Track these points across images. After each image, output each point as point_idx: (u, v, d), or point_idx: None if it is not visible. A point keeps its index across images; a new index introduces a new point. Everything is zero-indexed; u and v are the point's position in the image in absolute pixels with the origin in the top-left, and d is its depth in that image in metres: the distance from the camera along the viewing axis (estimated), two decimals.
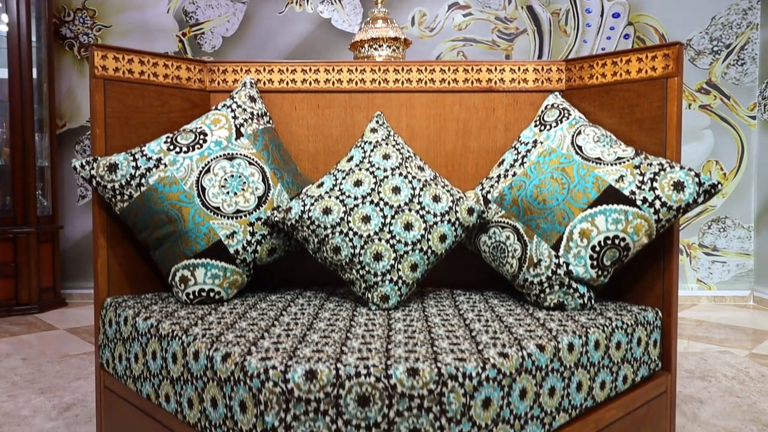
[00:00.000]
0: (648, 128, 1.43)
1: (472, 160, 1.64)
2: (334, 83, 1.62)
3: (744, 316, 3.36)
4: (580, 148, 1.40)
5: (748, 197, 3.76)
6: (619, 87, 1.49)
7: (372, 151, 1.40)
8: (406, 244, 1.31)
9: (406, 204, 1.33)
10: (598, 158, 1.36)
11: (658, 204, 1.28)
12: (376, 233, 1.30)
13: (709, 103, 3.74)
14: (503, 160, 1.51)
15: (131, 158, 1.37)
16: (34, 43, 3.53)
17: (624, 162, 1.34)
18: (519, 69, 1.61)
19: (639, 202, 1.29)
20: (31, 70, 3.45)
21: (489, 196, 1.45)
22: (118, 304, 1.37)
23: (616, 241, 1.29)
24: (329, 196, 1.33)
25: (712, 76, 3.73)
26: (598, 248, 1.29)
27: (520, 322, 1.20)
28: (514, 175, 1.44)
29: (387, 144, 1.42)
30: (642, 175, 1.31)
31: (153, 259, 1.44)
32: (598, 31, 3.79)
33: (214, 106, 1.54)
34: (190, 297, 1.36)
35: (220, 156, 1.40)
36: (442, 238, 1.34)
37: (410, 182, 1.35)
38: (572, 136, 1.43)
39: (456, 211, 1.35)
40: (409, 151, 1.44)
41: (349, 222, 1.30)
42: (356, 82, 1.62)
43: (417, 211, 1.32)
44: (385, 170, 1.36)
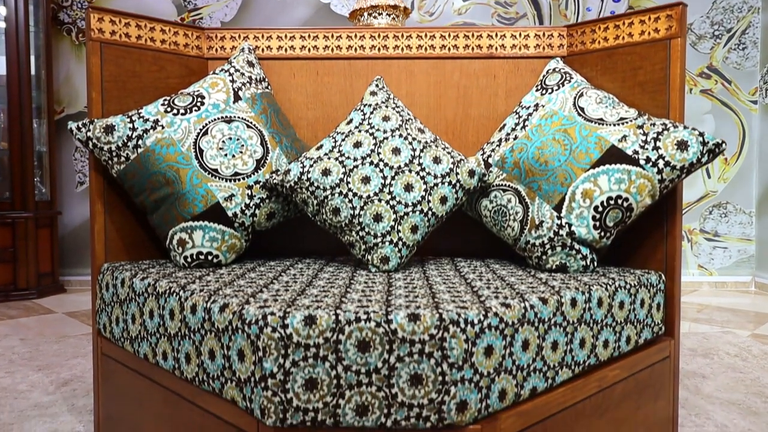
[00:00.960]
0: (651, 91, 1.41)
1: (473, 128, 1.62)
2: (333, 50, 1.61)
3: (746, 302, 3.35)
4: (582, 109, 1.38)
5: (750, 182, 3.74)
6: (621, 51, 1.47)
7: (372, 114, 1.38)
8: (407, 206, 1.29)
9: (406, 165, 1.31)
10: (601, 119, 1.35)
11: (661, 163, 1.27)
12: (375, 194, 1.28)
13: (710, 88, 3.72)
14: (504, 125, 1.49)
15: (128, 120, 1.35)
16: (32, 28, 3.51)
17: (627, 122, 1.32)
18: (520, 35, 1.59)
19: (642, 162, 1.27)
20: (29, 55, 3.44)
21: (490, 160, 1.44)
22: (115, 268, 1.36)
23: (619, 202, 1.27)
24: (328, 158, 1.32)
25: (713, 61, 3.72)
26: (600, 209, 1.28)
27: (522, 281, 1.18)
28: (516, 139, 1.42)
29: (387, 106, 1.40)
30: (645, 135, 1.29)
31: (150, 224, 1.42)
32: (599, 16, 3.77)
33: (212, 71, 1.52)
34: (188, 260, 1.34)
35: (218, 118, 1.38)
36: (443, 200, 1.32)
37: (410, 144, 1.34)
38: (574, 98, 1.41)
39: (457, 173, 1.34)
40: (409, 114, 1.42)
41: (348, 183, 1.29)
42: (356, 49, 1.60)
43: (417, 173, 1.31)
44: (385, 132, 1.35)
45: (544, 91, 1.47)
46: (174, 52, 1.55)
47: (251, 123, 1.41)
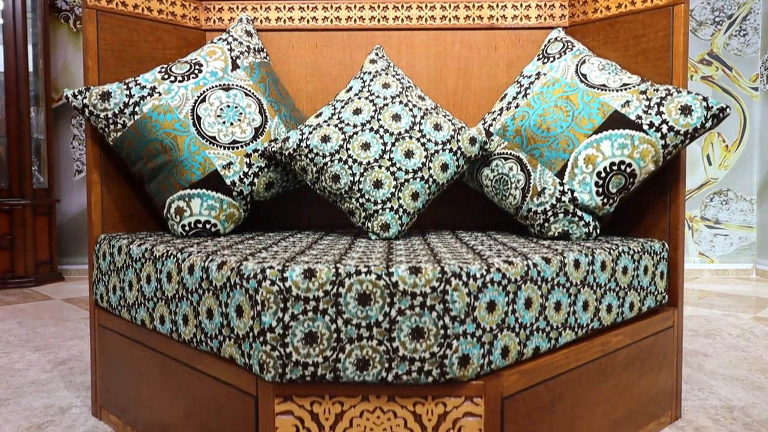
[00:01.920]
0: (654, 59, 1.40)
1: (474, 100, 1.60)
2: (332, 21, 1.59)
3: (747, 289, 3.33)
4: (584, 76, 1.36)
5: (751, 169, 3.73)
6: (624, 19, 1.45)
7: (371, 81, 1.37)
8: (407, 172, 1.27)
9: (406, 131, 1.29)
10: (603, 85, 1.33)
11: (665, 128, 1.25)
12: (375, 160, 1.26)
13: (710, 75, 3.70)
14: (506, 95, 1.48)
15: (125, 87, 1.33)
16: (29, 15, 3.49)
17: (630, 88, 1.31)
18: (521, 5, 1.58)
19: (645, 127, 1.25)
20: (27, 43, 3.42)
21: (491, 129, 1.42)
22: (112, 237, 1.34)
23: (622, 167, 1.26)
24: (327, 125, 1.30)
25: (713, 47, 3.70)
26: (603, 174, 1.26)
27: (524, 246, 1.17)
28: (517, 107, 1.41)
29: (387, 74, 1.39)
30: (648, 100, 1.27)
31: (147, 193, 1.41)
32: None
33: (210, 41, 1.51)
34: (186, 229, 1.32)
35: (216, 86, 1.37)
36: (444, 167, 1.30)
37: (411, 110, 1.32)
38: (576, 65, 1.40)
39: (458, 140, 1.32)
40: (409, 82, 1.40)
41: (348, 149, 1.27)
42: (355, 20, 1.59)
43: (418, 139, 1.29)
44: (385, 98, 1.33)
45: (546, 60, 1.46)
46: (171, 23, 1.53)
47: (249, 91, 1.39)
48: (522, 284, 0.95)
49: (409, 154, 1.28)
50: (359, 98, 1.34)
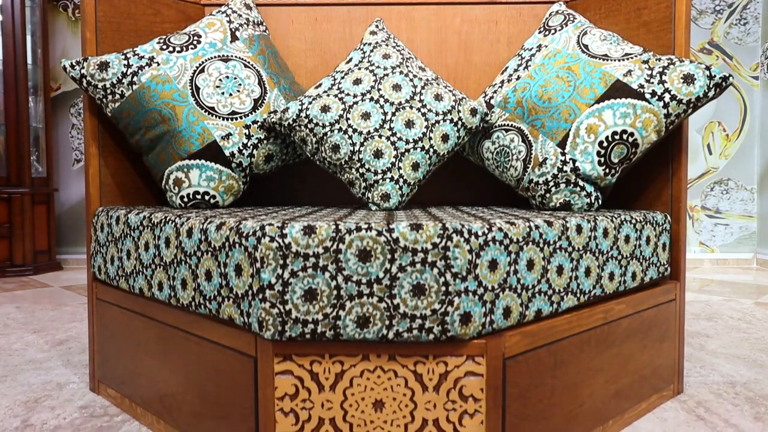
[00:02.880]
0: (656, 30, 1.39)
1: (475, 75, 1.59)
2: None
3: (747, 278, 3.32)
4: (586, 46, 1.35)
5: (751, 159, 3.72)
6: None
7: (372, 52, 1.36)
8: (408, 142, 1.26)
9: (407, 101, 1.28)
10: (605, 55, 1.32)
11: (667, 97, 1.24)
12: (376, 130, 1.25)
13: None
14: (507, 68, 1.47)
15: (123, 57, 1.32)
16: (27, 4, 3.47)
17: (632, 57, 1.30)
18: None
19: (648, 96, 1.24)
20: (25, 32, 3.40)
21: (492, 101, 1.41)
22: (110, 208, 1.33)
23: (624, 137, 1.25)
24: (327, 95, 1.29)
25: (714, 36, 3.69)
26: (605, 143, 1.25)
27: (526, 213, 1.16)
28: (518, 79, 1.40)
29: (387, 45, 1.38)
30: (651, 69, 1.26)
31: (145, 165, 1.40)
32: None
33: (209, 13, 1.49)
34: (184, 200, 1.31)
35: (215, 57, 1.36)
36: (444, 137, 1.29)
37: (411, 81, 1.31)
38: (578, 36, 1.38)
39: (459, 111, 1.31)
40: (409, 53, 1.39)
41: (348, 119, 1.26)
42: None
43: (418, 109, 1.28)
44: (386, 69, 1.32)
45: (547, 33, 1.45)
46: None
47: (249, 63, 1.38)
48: (524, 245, 0.94)
49: (410, 124, 1.27)
50: (359, 69, 1.33)
